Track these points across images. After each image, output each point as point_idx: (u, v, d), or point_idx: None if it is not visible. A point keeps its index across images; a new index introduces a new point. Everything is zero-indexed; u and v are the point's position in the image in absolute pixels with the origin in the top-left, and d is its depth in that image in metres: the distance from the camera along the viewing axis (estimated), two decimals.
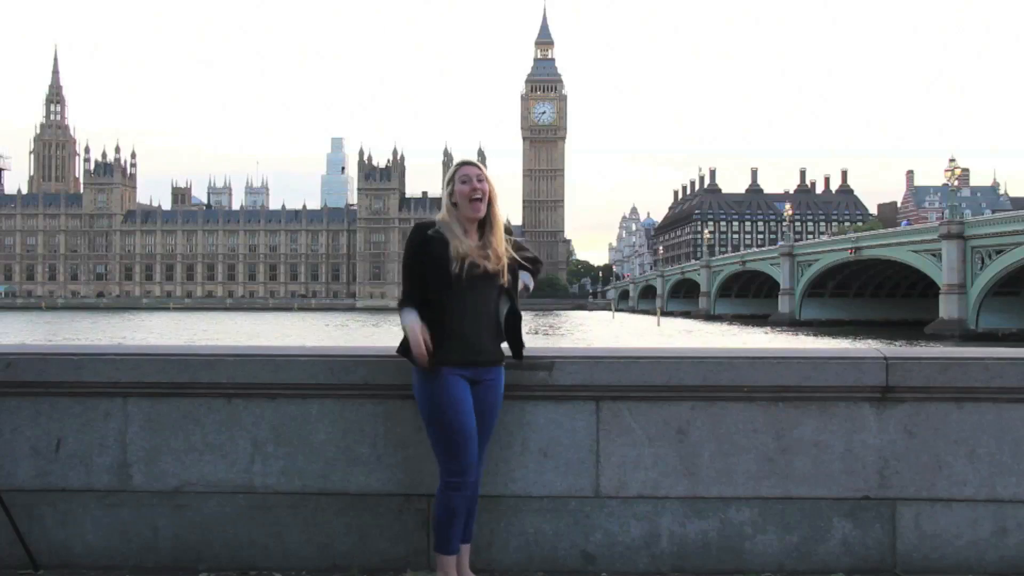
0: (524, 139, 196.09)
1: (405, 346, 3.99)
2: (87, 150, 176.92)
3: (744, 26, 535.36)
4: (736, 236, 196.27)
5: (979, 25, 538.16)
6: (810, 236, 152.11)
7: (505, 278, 4.01)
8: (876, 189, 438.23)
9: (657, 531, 4.35)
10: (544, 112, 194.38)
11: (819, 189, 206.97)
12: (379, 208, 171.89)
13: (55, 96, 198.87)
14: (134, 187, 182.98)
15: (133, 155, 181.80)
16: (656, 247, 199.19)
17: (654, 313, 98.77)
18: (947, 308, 52.93)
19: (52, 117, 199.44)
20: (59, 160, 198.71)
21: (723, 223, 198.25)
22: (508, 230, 4.10)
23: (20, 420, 4.42)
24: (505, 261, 4.00)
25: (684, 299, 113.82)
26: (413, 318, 3.93)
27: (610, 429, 4.35)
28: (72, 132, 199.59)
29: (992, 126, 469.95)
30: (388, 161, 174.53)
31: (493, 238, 3.99)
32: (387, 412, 4.38)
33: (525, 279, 4.18)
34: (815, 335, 56.39)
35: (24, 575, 4.27)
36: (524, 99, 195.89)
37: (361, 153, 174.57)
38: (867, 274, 70.33)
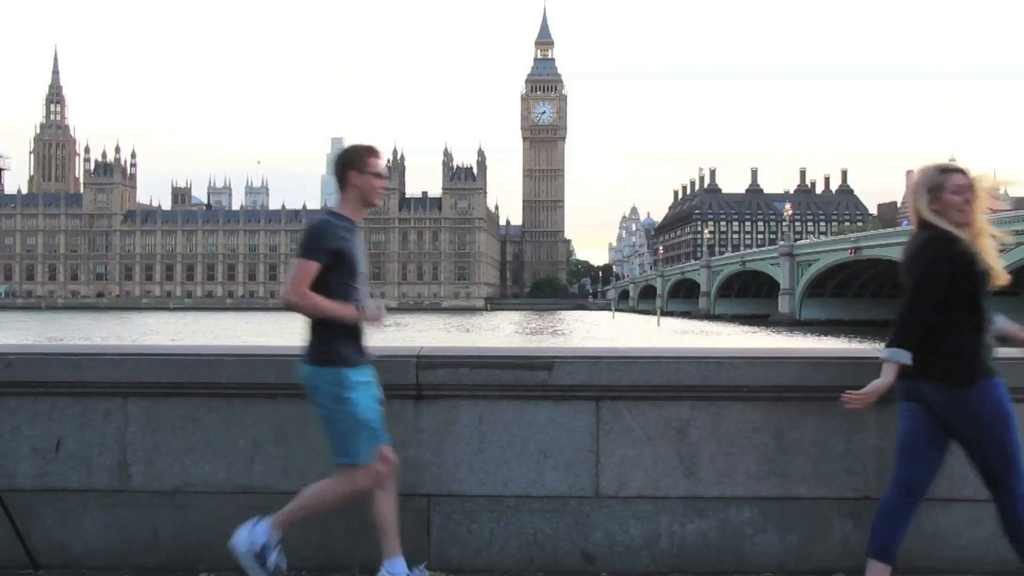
0: (524, 139, 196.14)
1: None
2: (87, 150, 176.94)
3: (744, 26, 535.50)
4: (736, 236, 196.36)
5: (979, 25, 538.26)
6: (810, 236, 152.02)
7: (1004, 281, 3.85)
8: (876, 189, 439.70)
9: (657, 531, 4.35)
10: (544, 112, 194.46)
11: (819, 189, 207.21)
12: (379, 208, 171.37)
13: (55, 96, 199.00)
14: (134, 187, 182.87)
15: (133, 155, 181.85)
16: (656, 247, 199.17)
17: (654, 313, 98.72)
18: None
19: (52, 117, 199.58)
20: (59, 160, 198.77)
21: (723, 223, 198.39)
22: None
23: (20, 420, 4.42)
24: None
25: (684, 299, 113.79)
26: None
27: (610, 429, 4.35)
28: (72, 132, 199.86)
29: (992, 126, 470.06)
30: (388, 161, 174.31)
31: (985, 241, 3.83)
32: (386, 412, 4.37)
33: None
34: (815, 335, 56.34)
35: (24, 575, 4.27)
36: (524, 99, 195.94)
37: None
38: (867, 274, 70.39)
